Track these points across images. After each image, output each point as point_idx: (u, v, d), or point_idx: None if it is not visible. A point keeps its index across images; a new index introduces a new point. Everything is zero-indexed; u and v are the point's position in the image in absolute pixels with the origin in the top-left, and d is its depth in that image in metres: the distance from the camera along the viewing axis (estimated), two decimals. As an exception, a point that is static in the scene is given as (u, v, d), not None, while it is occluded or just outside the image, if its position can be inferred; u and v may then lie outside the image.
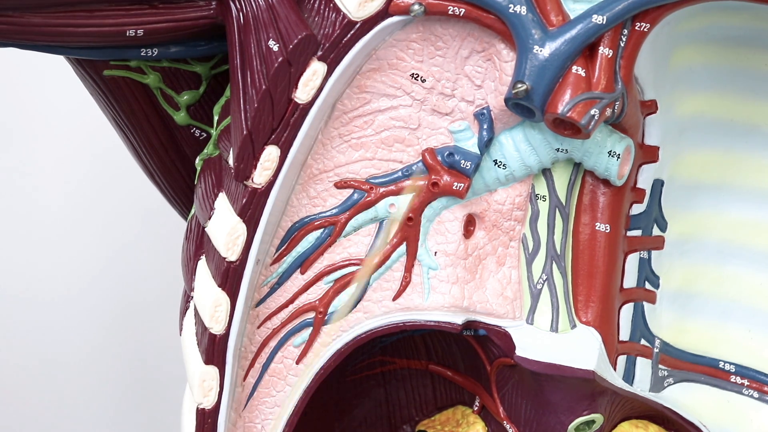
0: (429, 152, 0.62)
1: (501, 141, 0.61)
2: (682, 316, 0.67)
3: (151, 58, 0.64)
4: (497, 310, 0.63)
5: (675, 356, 0.67)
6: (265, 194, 0.61)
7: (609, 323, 0.64)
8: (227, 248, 0.61)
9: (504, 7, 0.58)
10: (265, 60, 0.59)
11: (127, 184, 1.10)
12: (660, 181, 0.65)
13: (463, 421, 0.70)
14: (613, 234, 0.63)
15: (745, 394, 0.66)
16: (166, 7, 0.61)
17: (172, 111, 0.71)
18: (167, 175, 0.74)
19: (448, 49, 0.61)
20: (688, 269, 0.67)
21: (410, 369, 0.72)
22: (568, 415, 0.64)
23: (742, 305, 0.66)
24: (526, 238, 0.63)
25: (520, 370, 0.64)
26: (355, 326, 0.64)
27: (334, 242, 0.63)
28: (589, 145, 0.61)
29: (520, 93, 0.57)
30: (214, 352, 0.63)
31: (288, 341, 0.64)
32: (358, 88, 0.61)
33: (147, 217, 1.12)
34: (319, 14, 0.60)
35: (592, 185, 0.63)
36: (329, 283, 0.63)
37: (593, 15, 0.57)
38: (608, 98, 0.58)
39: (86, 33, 0.61)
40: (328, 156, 0.62)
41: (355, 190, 0.63)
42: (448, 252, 0.63)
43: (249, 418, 0.65)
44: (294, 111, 0.60)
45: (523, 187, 0.63)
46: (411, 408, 0.73)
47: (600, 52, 0.58)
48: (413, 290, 0.63)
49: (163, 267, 1.12)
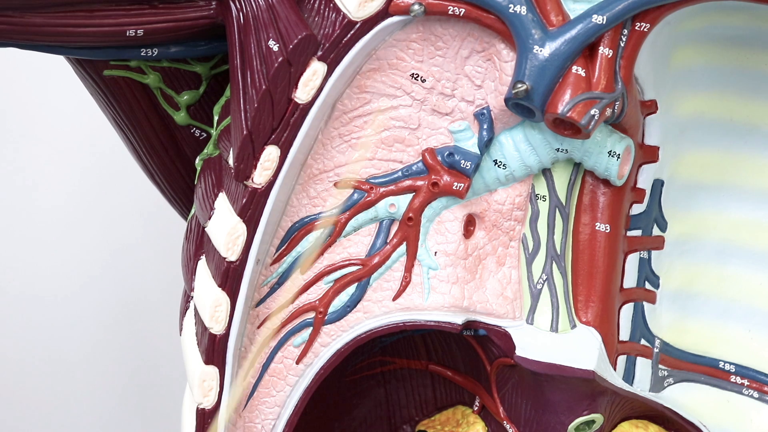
0: (429, 152, 0.62)
1: (501, 141, 0.61)
2: (682, 316, 0.67)
3: (151, 58, 0.64)
4: (497, 310, 0.63)
5: (675, 356, 0.67)
6: (265, 194, 0.61)
7: (609, 323, 0.64)
8: (227, 248, 0.61)
9: (504, 7, 0.58)
10: (265, 60, 0.59)
11: (127, 184, 1.10)
12: (660, 181, 0.65)
13: (463, 421, 0.70)
14: (613, 234, 0.63)
15: (745, 394, 0.66)
16: (166, 7, 0.61)
17: (172, 111, 0.71)
18: (167, 175, 0.74)
19: (448, 49, 0.60)
20: (688, 269, 0.67)
21: (410, 369, 0.72)
22: (568, 415, 0.64)
23: (742, 305, 0.66)
24: (526, 238, 0.63)
25: (520, 370, 0.64)
26: (355, 326, 0.64)
27: (334, 242, 0.63)
28: (589, 145, 0.61)
29: (520, 93, 0.57)
30: (214, 352, 0.63)
31: (288, 341, 0.64)
32: (358, 88, 0.61)
33: (147, 218, 1.12)
34: (319, 14, 0.60)
35: (592, 185, 0.63)
36: (329, 283, 0.63)
37: (593, 15, 0.57)
38: (608, 98, 0.58)
39: (86, 33, 0.61)
40: (328, 156, 0.62)
41: (355, 190, 0.63)
42: (448, 252, 0.63)
43: (249, 418, 0.65)
44: (294, 111, 0.60)
45: (523, 187, 0.63)
46: (411, 408, 0.73)
47: (600, 52, 0.58)
48: (413, 290, 0.63)
49: (163, 267, 1.12)
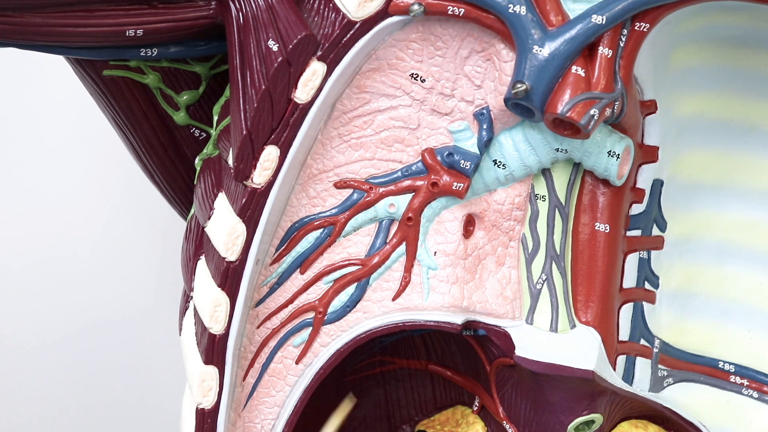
0: (428, 152, 0.62)
1: (500, 141, 0.61)
2: (682, 316, 0.67)
3: (151, 58, 0.64)
4: (497, 310, 0.63)
5: (674, 356, 0.67)
6: (265, 194, 0.61)
7: (608, 323, 0.64)
8: (227, 248, 0.61)
9: (503, 7, 0.58)
10: (264, 60, 0.59)
11: (126, 184, 1.10)
12: (659, 181, 0.65)
13: (463, 421, 0.70)
14: (612, 234, 0.63)
15: (745, 394, 0.66)
16: (165, 7, 0.61)
17: (171, 111, 0.71)
18: (167, 175, 0.74)
19: (448, 49, 0.60)
20: (687, 269, 0.67)
21: (410, 369, 0.72)
22: (567, 415, 0.64)
23: (741, 305, 0.66)
24: (525, 238, 0.63)
25: (519, 370, 0.64)
26: (354, 326, 0.64)
27: (334, 242, 0.63)
28: (589, 145, 0.61)
29: (520, 93, 0.57)
30: (214, 352, 0.63)
31: (287, 341, 0.64)
32: (358, 88, 0.61)
33: (146, 217, 1.12)
34: (319, 14, 0.60)
35: (591, 185, 0.63)
36: (329, 283, 0.63)
37: (593, 15, 0.57)
38: (608, 98, 0.58)
39: (86, 33, 0.61)
40: (327, 156, 0.62)
41: (354, 190, 0.63)
42: (448, 252, 0.63)
43: (249, 418, 0.65)
44: (293, 111, 0.60)
45: (522, 187, 0.63)
46: (410, 408, 0.73)
47: (599, 52, 0.58)
48: (413, 290, 0.63)
49: (163, 267, 1.12)
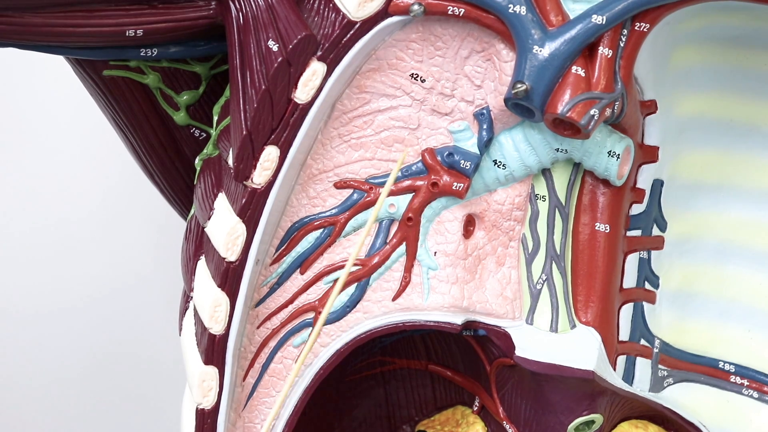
0: (429, 152, 0.62)
1: (500, 141, 0.61)
2: (682, 316, 0.67)
3: (151, 58, 0.64)
4: (497, 310, 0.63)
5: (675, 356, 0.67)
6: (265, 194, 0.61)
7: (609, 323, 0.64)
8: (227, 248, 0.61)
9: (504, 7, 0.58)
10: (264, 60, 0.59)
11: (126, 184, 1.10)
12: (660, 181, 0.65)
13: (463, 421, 0.70)
14: (612, 234, 0.63)
15: (745, 394, 0.66)
16: (165, 7, 0.61)
17: (171, 111, 0.71)
18: (167, 175, 0.74)
19: (448, 49, 0.60)
20: (687, 269, 0.67)
21: (410, 369, 0.72)
22: (567, 415, 0.64)
23: (741, 305, 0.66)
24: (525, 238, 0.63)
25: (519, 370, 0.64)
26: (354, 326, 0.64)
27: (334, 242, 0.63)
28: (589, 145, 0.61)
29: (520, 93, 0.57)
30: (214, 352, 0.63)
31: (287, 341, 0.64)
32: (358, 88, 0.61)
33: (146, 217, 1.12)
34: (319, 14, 0.60)
35: (591, 185, 0.63)
36: (329, 283, 0.63)
37: (593, 15, 0.57)
38: (608, 98, 0.58)
39: (85, 33, 0.61)
40: (327, 156, 0.62)
41: (354, 190, 0.63)
42: (448, 252, 0.63)
43: (249, 418, 0.65)
44: (293, 111, 0.60)
45: (522, 187, 0.63)
46: (411, 408, 0.73)
47: (600, 52, 0.58)
48: (413, 290, 0.63)
49: (163, 267, 1.12)
